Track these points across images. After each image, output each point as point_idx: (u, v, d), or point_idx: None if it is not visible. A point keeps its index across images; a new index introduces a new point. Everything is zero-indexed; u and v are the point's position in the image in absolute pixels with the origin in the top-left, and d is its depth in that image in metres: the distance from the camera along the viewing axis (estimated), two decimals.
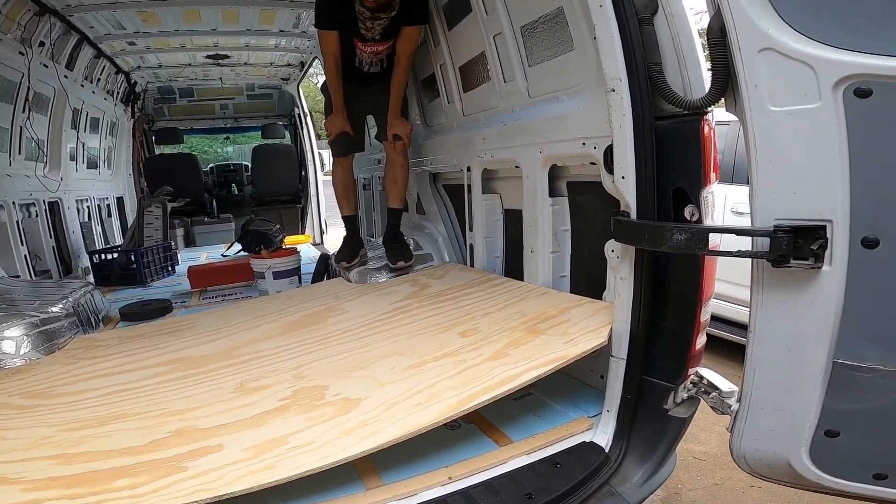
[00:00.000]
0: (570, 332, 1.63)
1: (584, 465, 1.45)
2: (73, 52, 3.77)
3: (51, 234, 3.55)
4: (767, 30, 1.08)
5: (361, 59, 2.62)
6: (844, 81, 1.01)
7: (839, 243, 1.08)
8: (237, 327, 2.19)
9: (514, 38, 2.07)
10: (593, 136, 1.64)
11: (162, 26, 3.93)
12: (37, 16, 3.09)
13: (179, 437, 1.37)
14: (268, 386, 1.63)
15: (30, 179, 3.39)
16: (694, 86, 1.34)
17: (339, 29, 2.50)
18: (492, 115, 2.35)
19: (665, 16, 1.33)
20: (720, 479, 2.63)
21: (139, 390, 1.69)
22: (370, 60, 2.63)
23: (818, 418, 1.18)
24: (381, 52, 2.60)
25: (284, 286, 3.06)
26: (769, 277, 1.19)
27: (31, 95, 3.28)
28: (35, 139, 3.43)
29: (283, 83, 6.06)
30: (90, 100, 4.33)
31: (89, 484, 1.18)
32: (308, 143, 6.22)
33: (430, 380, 1.52)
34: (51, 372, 1.85)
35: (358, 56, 2.61)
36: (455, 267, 2.63)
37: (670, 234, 1.29)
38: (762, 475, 1.33)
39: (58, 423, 1.49)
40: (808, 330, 1.16)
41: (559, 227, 2.01)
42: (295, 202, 6.57)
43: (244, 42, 4.55)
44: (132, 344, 2.13)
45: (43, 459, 1.29)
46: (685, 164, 1.38)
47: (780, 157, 1.12)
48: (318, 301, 2.43)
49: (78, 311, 2.35)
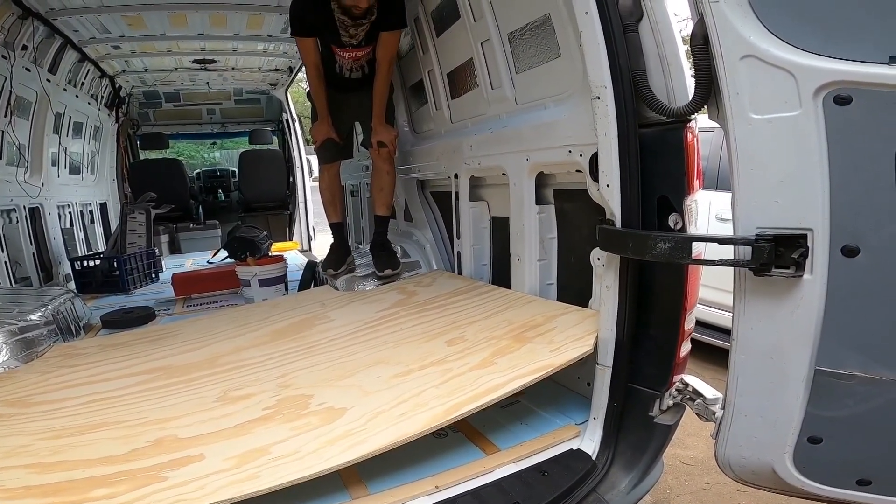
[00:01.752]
0: (556, 340, 1.63)
1: (572, 473, 1.44)
2: (56, 56, 3.72)
3: (31, 240, 3.49)
4: (749, 37, 1.08)
5: (342, 65, 2.62)
6: (824, 89, 1.02)
7: (820, 252, 1.09)
8: (221, 335, 2.16)
9: (501, 45, 2.08)
10: (579, 143, 1.64)
11: (148, 30, 3.89)
12: (20, 19, 3.05)
13: (160, 447, 1.35)
14: (251, 395, 1.60)
15: (10, 185, 3.32)
16: (678, 93, 1.35)
17: (315, 35, 2.50)
18: (479, 122, 2.36)
19: (650, 23, 1.34)
20: (708, 483, 2.64)
21: (119, 399, 1.66)
22: (350, 66, 2.62)
23: (801, 425, 1.19)
24: (362, 58, 2.59)
25: (270, 294, 3.03)
26: (751, 286, 1.20)
27: (13, 99, 3.22)
28: (16, 144, 3.37)
29: (271, 88, 6.03)
30: (73, 104, 4.26)
31: (66, 493, 1.16)
32: (296, 148, 6.19)
33: (416, 389, 1.50)
34: (29, 380, 1.81)
35: (338, 62, 2.61)
36: (443, 275, 2.62)
37: (654, 243, 1.29)
38: (747, 481, 1.33)
39: (35, 431, 1.46)
40: (790, 338, 1.16)
41: (546, 234, 2.02)
42: (283, 208, 6.52)
43: (232, 47, 4.51)
44: (113, 352, 2.09)
45: (19, 468, 1.27)
46: (669, 172, 1.38)
47: (761, 166, 1.13)
48: (304, 309, 2.41)
49: (58, 318, 2.31)
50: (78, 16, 3.41)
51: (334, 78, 2.64)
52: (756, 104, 1.10)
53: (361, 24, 2.40)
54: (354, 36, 2.45)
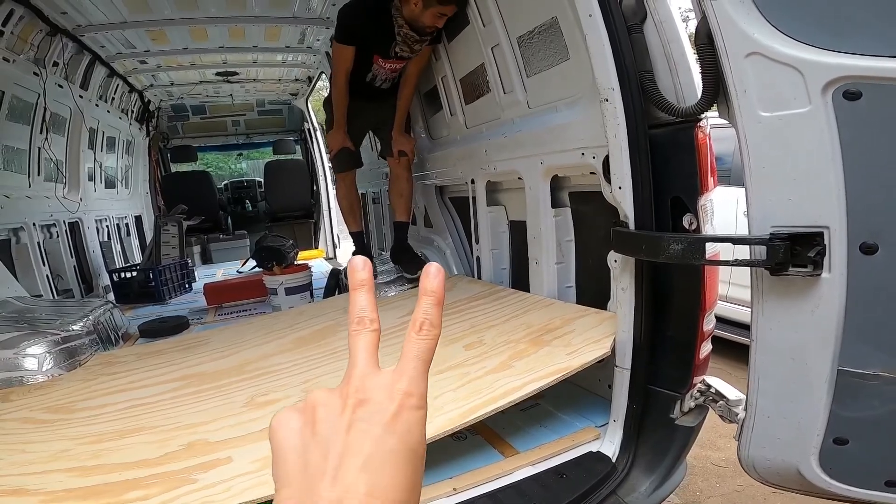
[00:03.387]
0: (573, 343, 1.63)
1: (591, 475, 1.45)
2: (86, 72, 3.84)
3: (72, 253, 3.63)
4: (753, 34, 1.07)
5: (377, 74, 2.65)
6: (833, 84, 1.00)
7: (837, 250, 1.07)
8: (249, 343, 2.23)
9: (511, 49, 2.09)
10: (592, 145, 1.64)
11: (171, 44, 4.01)
12: (49, 35, 3.14)
13: (191, 450, 1.41)
14: (276, 400, 1.65)
15: (50, 200, 3.46)
16: (686, 92, 1.34)
17: (360, 45, 2.53)
18: (493, 127, 2.37)
19: (654, 22, 1.34)
20: (740, 485, 2.58)
21: (155, 405, 1.73)
22: (385, 77, 2.66)
23: (826, 426, 1.16)
24: (399, 70, 2.64)
25: (296, 302, 3.10)
26: (768, 285, 1.18)
27: (48, 116, 3.34)
28: (53, 160, 3.49)
29: (292, 98, 6.15)
30: (106, 119, 4.41)
31: (103, 496, 1.22)
32: (318, 157, 6.30)
33: (434, 392, 1.52)
34: (71, 387, 1.90)
35: (373, 72, 2.64)
36: (462, 279, 2.64)
37: (667, 245, 1.29)
38: (772, 483, 1.31)
39: (77, 436, 1.54)
40: (810, 338, 1.14)
41: (563, 237, 2.02)
42: (307, 217, 6.64)
43: (252, 59, 4.63)
44: (149, 360, 2.18)
45: (61, 472, 1.33)
46: (682, 172, 1.37)
47: (773, 164, 1.12)
48: (327, 316, 2.46)
49: (98, 328, 2.41)
50: (104, 32, 3.51)
51: (361, 86, 2.68)
52: (764, 102, 1.09)
53: (426, 40, 2.45)
54: (416, 51, 2.49)
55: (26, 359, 1.99)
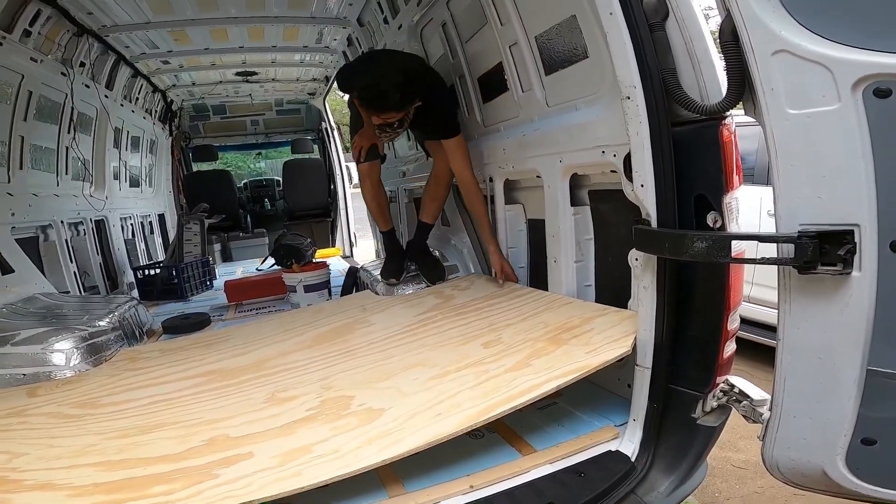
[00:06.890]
0: (592, 341, 1.62)
1: (609, 474, 1.43)
2: (111, 72, 3.93)
3: (98, 251, 3.71)
4: (780, 31, 1.05)
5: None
6: (863, 82, 0.99)
7: (868, 248, 1.05)
8: (268, 340, 2.26)
9: (529, 48, 2.08)
10: (612, 143, 1.63)
11: (192, 45, 4.08)
12: (76, 36, 3.21)
13: (212, 446, 1.43)
14: (296, 397, 1.68)
15: (77, 199, 3.54)
16: (710, 90, 1.32)
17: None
18: (511, 126, 2.36)
19: (676, 20, 1.32)
20: (761, 487, 2.54)
21: (177, 401, 1.77)
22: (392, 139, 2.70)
23: (853, 426, 1.15)
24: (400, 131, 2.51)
25: (314, 299, 3.13)
26: (796, 284, 1.16)
27: (76, 115, 3.41)
28: (81, 159, 3.57)
29: (309, 98, 6.21)
30: (130, 119, 4.50)
31: (129, 490, 1.25)
32: (336, 156, 6.35)
33: (452, 390, 1.53)
34: (97, 383, 1.94)
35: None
36: (480, 278, 2.64)
37: (691, 243, 1.27)
38: (796, 483, 1.29)
39: (103, 431, 1.57)
40: (839, 338, 1.12)
41: (582, 236, 2.00)
42: (325, 216, 6.69)
43: (270, 58, 4.69)
44: (172, 356, 2.22)
45: (88, 466, 1.37)
46: (705, 170, 1.36)
47: (802, 161, 1.10)
48: (345, 314, 2.48)
49: (123, 324, 2.46)
50: (128, 32, 3.58)
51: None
52: (793, 100, 1.07)
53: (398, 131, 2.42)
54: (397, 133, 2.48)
55: (54, 354, 2.04)
